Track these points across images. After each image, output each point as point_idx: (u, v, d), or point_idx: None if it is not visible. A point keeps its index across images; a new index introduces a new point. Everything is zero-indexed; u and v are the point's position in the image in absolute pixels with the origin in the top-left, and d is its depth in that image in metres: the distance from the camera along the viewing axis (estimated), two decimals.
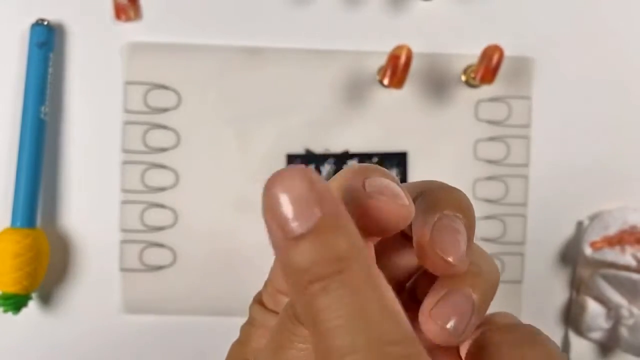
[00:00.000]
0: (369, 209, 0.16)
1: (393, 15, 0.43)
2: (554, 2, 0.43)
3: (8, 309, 0.39)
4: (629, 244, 0.41)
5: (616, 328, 0.41)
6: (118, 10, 0.41)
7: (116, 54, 0.42)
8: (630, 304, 0.41)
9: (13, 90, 0.41)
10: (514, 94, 0.43)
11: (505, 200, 0.43)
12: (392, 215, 0.16)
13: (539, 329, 0.18)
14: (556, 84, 0.43)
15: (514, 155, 0.43)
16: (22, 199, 0.40)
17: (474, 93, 0.43)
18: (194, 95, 0.42)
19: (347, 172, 0.17)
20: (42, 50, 0.40)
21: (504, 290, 0.43)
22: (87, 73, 0.42)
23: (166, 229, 0.42)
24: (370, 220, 0.16)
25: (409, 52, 0.39)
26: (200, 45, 0.42)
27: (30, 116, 0.40)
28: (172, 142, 0.42)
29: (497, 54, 0.39)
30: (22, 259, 0.39)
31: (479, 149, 0.43)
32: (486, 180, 0.43)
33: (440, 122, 0.43)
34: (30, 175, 0.40)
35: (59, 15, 0.42)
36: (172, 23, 0.42)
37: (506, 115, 0.43)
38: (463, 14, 0.43)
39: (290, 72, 0.42)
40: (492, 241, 0.43)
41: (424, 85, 0.43)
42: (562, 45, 0.43)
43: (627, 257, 0.41)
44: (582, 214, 0.43)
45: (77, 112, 0.42)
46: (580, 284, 0.43)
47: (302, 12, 0.42)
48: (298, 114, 0.42)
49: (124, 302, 0.42)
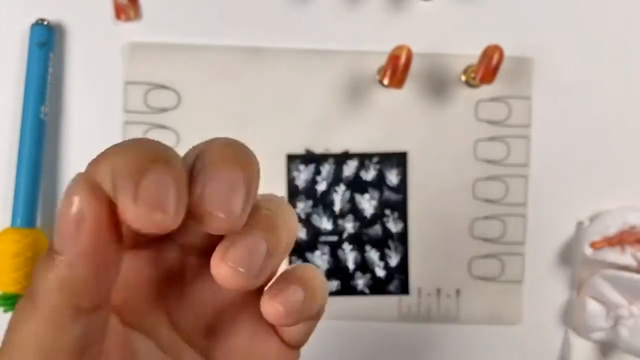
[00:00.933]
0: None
1: (393, 15, 0.43)
2: (554, 2, 0.43)
3: (8, 309, 0.39)
4: (629, 244, 0.41)
5: (616, 328, 0.41)
6: (118, 10, 0.41)
7: (116, 54, 0.42)
8: (631, 304, 0.41)
9: (13, 90, 0.41)
10: (514, 94, 0.43)
11: (505, 200, 0.43)
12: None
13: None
14: (556, 84, 0.43)
15: (514, 155, 0.43)
16: (22, 198, 0.40)
17: (474, 93, 0.43)
18: (194, 95, 0.42)
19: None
20: (42, 50, 0.40)
21: (504, 290, 0.43)
22: (87, 73, 0.42)
23: None
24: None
25: (409, 52, 0.39)
26: (200, 45, 0.42)
27: (30, 116, 0.40)
28: (172, 142, 0.42)
29: (497, 54, 0.39)
30: (21, 258, 0.39)
31: (479, 149, 0.43)
32: (486, 180, 0.43)
33: (440, 122, 0.43)
34: (30, 175, 0.40)
35: (59, 15, 0.42)
36: (172, 23, 0.42)
37: (506, 115, 0.43)
38: (463, 14, 0.43)
39: (290, 72, 0.42)
40: (492, 241, 0.43)
41: (424, 85, 0.43)
42: (562, 46, 0.43)
43: (627, 257, 0.41)
44: (582, 214, 0.43)
45: (77, 112, 0.42)
46: (580, 284, 0.43)
47: (302, 12, 0.42)
48: (298, 114, 0.42)
49: None
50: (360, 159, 0.43)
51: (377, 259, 0.43)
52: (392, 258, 0.43)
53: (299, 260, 0.43)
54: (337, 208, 0.43)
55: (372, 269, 0.43)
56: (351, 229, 0.43)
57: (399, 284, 0.43)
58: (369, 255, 0.43)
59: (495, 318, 0.43)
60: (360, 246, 0.43)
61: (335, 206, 0.43)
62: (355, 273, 0.43)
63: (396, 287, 0.43)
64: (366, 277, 0.43)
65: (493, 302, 0.43)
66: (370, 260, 0.43)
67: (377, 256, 0.43)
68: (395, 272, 0.43)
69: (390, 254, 0.43)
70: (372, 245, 0.43)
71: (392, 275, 0.43)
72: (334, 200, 0.43)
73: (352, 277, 0.43)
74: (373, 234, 0.43)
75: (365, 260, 0.43)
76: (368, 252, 0.43)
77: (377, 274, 0.43)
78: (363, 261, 0.43)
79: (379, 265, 0.43)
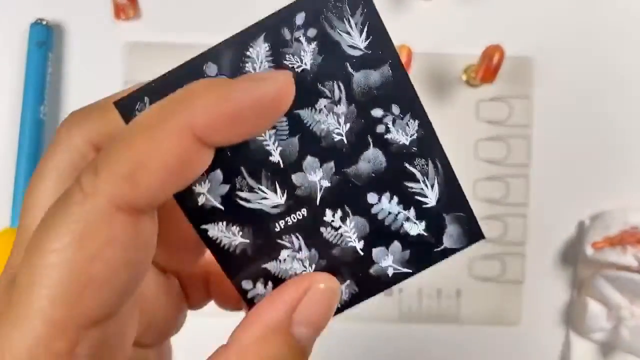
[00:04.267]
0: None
1: (393, 15, 0.43)
2: (554, 2, 0.43)
3: None
4: (630, 244, 0.41)
5: (617, 328, 0.41)
6: (117, 10, 0.41)
7: (115, 54, 0.42)
8: (631, 304, 0.41)
9: (12, 90, 0.41)
10: (515, 94, 0.43)
11: (506, 200, 0.43)
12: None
13: None
14: (557, 83, 0.43)
15: (515, 155, 0.43)
16: (22, 198, 0.40)
17: (475, 93, 0.43)
18: None
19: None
20: (41, 49, 0.40)
21: (505, 290, 0.43)
22: (87, 72, 0.42)
23: None
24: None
25: (409, 52, 0.39)
26: (200, 45, 0.41)
27: (29, 116, 0.40)
28: None
29: (498, 54, 0.39)
30: None
31: (479, 148, 0.43)
32: (487, 180, 0.43)
33: (441, 122, 0.43)
34: (30, 175, 0.40)
35: (58, 14, 0.41)
36: (172, 22, 0.42)
37: (507, 115, 0.43)
38: (463, 14, 0.43)
39: None
40: (493, 241, 0.43)
41: (425, 85, 0.43)
42: (562, 45, 0.43)
43: (628, 257, 0.41)
44: (583, 214, 0.43)
45: None
46: (581, 284, 0.43)
47: None
48: None
49: None
50: None
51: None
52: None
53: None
54: (277, 156, 0.21)
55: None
56: (324, 181, 0.21)
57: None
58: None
59: (496, 318, 0.43)
60: (357, 201, 0.22)
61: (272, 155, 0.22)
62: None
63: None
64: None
65: (493, 302, 0.43)
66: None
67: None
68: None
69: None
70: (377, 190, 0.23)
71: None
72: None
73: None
74: (369, 169, 0.22)
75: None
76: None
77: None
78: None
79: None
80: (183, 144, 0.14)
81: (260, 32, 0.16)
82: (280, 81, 0.15)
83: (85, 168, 0.15)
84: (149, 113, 0.15)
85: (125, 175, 0.14)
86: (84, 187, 0.14)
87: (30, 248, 0.14)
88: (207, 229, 0.17)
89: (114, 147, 0.14)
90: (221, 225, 0.17)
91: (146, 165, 0.14)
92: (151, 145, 0.14)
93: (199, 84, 0.15)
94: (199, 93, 0.14)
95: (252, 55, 0.16)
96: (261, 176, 0.17)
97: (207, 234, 0.17)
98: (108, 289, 0.14)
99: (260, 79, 0.15)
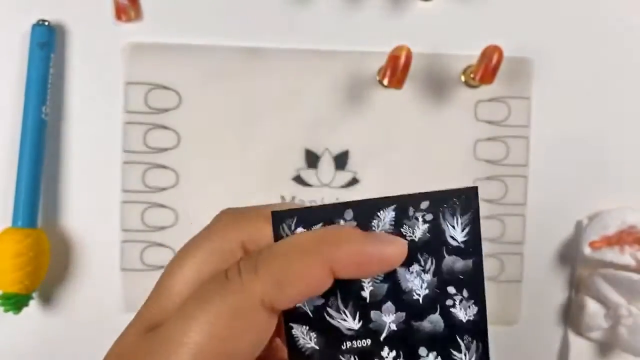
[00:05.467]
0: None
1: (393, 15, 0.43)
2: (553, 3, 0.43)
3: (9, 308, 0.39)
4: (627, 244, 0.42)
5: (615, 328, 0.41)
6: (118, 11, 0.41)
7: (117, 55, 0.42)
8: (629, 303, 0.41)
9: (14, 91, 0.42)
10: (514, 94, 0.43)
11: (505, 200, 0.43)
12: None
13: None
14: (556, 84, 0.43)
15: (514, 155, 0.43)
16: (23, 198, 0.40)
17: (474, 93, 0.43)
18: (194, 95, 0.42)
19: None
20: (43, 50, 0.40)
21: (503, 289, 0.43)
22: (88, 73, 0.42)
23: (167, 229, 0.42)
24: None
25: (408, 52, 0.39)
26: (200, 45, 0.42)
27: (31, 116, 0.40)
28: (173, 142, 0.42)
29: (497, 54, 0.39)
30: (23, 258, 0.39)
31: (478, 149, 0.43)
32: (485, 180, 0.43)
33: (440, 122, 0.43)
34: (31, 175, 0.40)
35: (59, 15, 0.42)
36: (173, 23, 0.42)
37: (505, 115, 0.43)
38: (463, 14, 0.43)
39: (290, 72, 0.42)
40: (492, 241, 0.43)
41: (424, 86, 0.43)
42: (562, 46, 0.43)
43: (626, 256, 0.41)
44: (581, 213, 0.44)
45: (77, 112, 0.42)
46: (579, 283, 0.44)
47: (302, 12, 0.43)
48: (298, 114, 0.43)
49: (124, 302, 0.42)
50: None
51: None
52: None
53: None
54: (367, 293, 0.22)
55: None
56: (393, 325, 0.22)
57: None
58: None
59: (494, 317, 0.43)
60: (410, 350, 0.22)
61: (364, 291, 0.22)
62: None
63: None
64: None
65: (492, 301, 0.43)
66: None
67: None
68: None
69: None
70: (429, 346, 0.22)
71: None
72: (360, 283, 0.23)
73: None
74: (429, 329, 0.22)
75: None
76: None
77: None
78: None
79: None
80: (323, 273, 0.19)
81: (393, 203, 0.20)
82: (400, 247, 0.20)
83: (246, 265, 0.19)
84: (306, 239, 0.19)
85: (278, 282, 0.18)
86: (244, 280, 0.18)
87: (184, 313, 0.19)
88: (292, 326, 0.21)
89: (273, 255, 0.19)
90: (304, 328, 0.21)
91: (294, 279, 0.18)
92: (302, 266, 0.19)
93: (346, 232, 0.20)
94: (345, 239, 0.19)
95: (380, 217, 0.21)
96: (349, 303, 0.21)
97: (291, 331, 0.21)
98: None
99: (388, 242, 0.20)
